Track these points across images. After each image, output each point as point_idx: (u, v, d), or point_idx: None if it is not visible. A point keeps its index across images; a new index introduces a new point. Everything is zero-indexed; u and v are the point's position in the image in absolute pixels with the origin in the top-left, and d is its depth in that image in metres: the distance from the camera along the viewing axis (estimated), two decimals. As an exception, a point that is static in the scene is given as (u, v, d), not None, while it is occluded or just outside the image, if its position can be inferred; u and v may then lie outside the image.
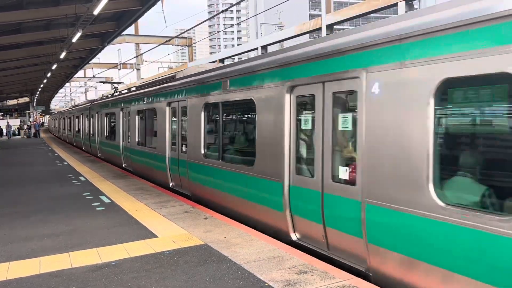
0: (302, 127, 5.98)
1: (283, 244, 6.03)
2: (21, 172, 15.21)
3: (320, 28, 16.82)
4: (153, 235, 6.65)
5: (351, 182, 5.06)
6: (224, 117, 8.51)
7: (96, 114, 20.71)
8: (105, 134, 18.79)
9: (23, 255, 5.85)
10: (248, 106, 7.41)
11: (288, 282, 4.63)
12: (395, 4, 13.62)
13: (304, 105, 6.03)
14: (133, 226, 7.24)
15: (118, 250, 5.96)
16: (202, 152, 9.01)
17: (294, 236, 6.20)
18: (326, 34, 15.36)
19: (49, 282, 4.84)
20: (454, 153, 4.23)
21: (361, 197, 4.79)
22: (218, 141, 8.47)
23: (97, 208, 8.76)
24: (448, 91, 4.04)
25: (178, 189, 10.57)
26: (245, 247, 5.89)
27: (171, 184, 10.97)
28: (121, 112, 16.06)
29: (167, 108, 11.18)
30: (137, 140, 13.99)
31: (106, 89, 58.82)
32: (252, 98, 7.01)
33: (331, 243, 5.45)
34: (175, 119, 10.83)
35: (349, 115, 5.10)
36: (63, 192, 10.76)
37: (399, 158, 4.35)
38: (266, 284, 4.60)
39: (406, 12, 12.69)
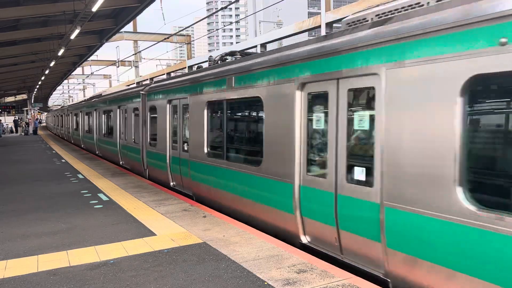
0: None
1: (282, 242, 6.00)
2: (19, 170, 15.15)
3: (319, 26, 16.79)
4: (152, 233, 6.62)
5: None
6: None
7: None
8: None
9: (21, 253, 5.82)
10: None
11: (288, 281, 4.61)
12: (395, 2, 13.57)
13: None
14: (132, 224, 7.20)
15: (116, 248, 5.93)
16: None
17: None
18: (326, 33, 15.34)
19: (47, 281, 4.80)
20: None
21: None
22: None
23: (95, 206, 8.72)
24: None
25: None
26: (244, 245, 5.87)
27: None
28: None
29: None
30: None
31: (105, 87, 58.72)
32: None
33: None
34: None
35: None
36: (61, 190, 10.72)
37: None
38: (265, 283, 4.57)
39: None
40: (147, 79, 36.53)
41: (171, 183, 10.81)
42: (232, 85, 7.67)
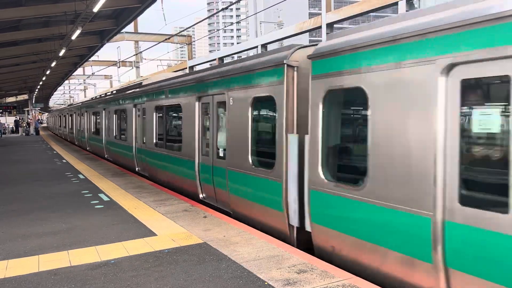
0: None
1: (283, 243, 6.01)
2: (19, 170, 15.18)
3: (320, 27, 16.79)
4: (152, 234, 6.63)
5: None
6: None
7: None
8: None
9: (22, 253, 5.83)
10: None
11: (288, 281, 4.62)
12: (396, 3, 13.60)
13: None
14: (132, 225, 7.21)
15: (117, 248, 5.94)
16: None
17: None
18: (326, 33, 15.33)
19: (48, 281, 4.81)
20: None
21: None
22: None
23: (96, 206, 8.73)
24: None
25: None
26: (244, 246, 5.87)
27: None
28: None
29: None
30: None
31: (105, 87, 58.75)
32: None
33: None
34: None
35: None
36: (61, 190, 10.73)
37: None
38: (266, 283, 4.58)
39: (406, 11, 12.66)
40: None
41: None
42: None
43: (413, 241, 4.21)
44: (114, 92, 19.10)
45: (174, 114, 11.19)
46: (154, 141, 12.20)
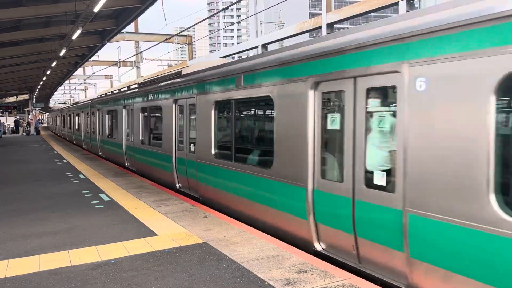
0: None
1: (283, 243, 6.01)
2: (19, 170, 15.19)
3: (320, 27, 16.80)
4: (153, 233, 6.63)
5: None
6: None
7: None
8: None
9: (22, 253, 5.84)
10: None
11: (288, 281, 4.62)
12: (396, 3, 13.61)
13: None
14: (133, 224, 7.22)
15: (118, 248, 5.94)
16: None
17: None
18: (327, 33, 15.34)
19: (48, 280, 4.82)
20: None
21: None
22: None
23: (96, 206, 8.74)
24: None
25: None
26: (244, 245, 5.88)
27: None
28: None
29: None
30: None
31: (106, 87, 58.74)
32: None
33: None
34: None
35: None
36: (62, 190, 10.74)
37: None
38: (266, 283, 4.58)
39: (407, 11, 12.66)
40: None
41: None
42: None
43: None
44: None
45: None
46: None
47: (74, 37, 17.16)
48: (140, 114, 13.61)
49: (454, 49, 3.81)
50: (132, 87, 17.11)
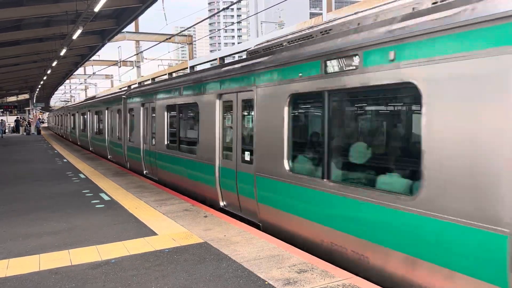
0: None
1: (283, 242, 6.01)
2: (20, 170, 15.20)
3: (320, 27, 16.76)
4: (153, 233, 6.64)
5: None
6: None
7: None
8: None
9: (22, 252, 5.84)
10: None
11: (288, 281, 4.62)
12: (396, 3, 13.58)
13: None
14: (133, 224, 7.22)
15: (118, 247, 5.95)
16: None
17: None
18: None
19: (49, 280, 4.83)
20: None
21: None
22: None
23: (96, 206, 8.75)
24: None
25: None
26: (245, 245, 5.88)
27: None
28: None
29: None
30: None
31: (106, 87, 58.75)
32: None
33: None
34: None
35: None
36: (62, 190, 10.75)
37: None
38: (266, 283, 4.59)
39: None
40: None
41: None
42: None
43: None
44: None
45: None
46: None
47: (74, 36, 17.16)
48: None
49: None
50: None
